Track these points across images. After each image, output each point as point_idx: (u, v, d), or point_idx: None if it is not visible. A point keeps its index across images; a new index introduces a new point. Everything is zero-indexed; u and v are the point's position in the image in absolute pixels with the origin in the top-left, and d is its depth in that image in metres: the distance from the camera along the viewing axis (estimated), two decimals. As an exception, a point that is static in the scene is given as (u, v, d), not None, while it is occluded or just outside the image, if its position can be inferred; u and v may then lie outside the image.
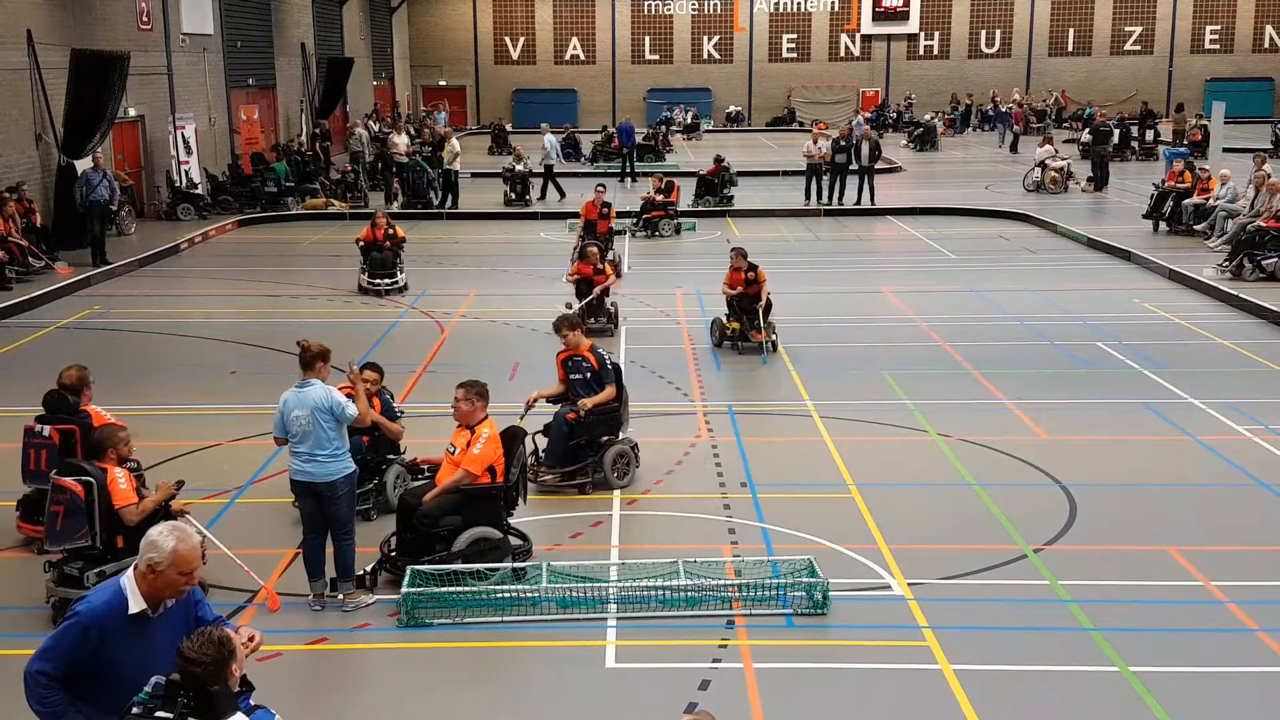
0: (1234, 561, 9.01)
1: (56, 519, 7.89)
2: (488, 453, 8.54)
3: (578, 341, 10.73)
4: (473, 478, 8.53)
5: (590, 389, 10.58)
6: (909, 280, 20.03)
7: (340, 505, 8.13)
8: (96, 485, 7.84)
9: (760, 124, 54.89)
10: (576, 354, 10.72)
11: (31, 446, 9.16)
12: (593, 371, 10.62)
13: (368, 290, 18.99)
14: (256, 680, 4.87)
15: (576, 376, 10.66)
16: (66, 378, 9.37)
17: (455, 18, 55.84)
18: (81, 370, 9.44)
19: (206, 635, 4.54)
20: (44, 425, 9.14)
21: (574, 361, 10.71)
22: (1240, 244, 19.74)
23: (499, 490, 8.67)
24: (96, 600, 4.83)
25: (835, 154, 28.45)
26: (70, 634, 4.78)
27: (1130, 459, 11.39)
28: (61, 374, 9.43)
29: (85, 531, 7.87)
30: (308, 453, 8.07)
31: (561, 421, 10.44)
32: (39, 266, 20.12)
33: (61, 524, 7.87)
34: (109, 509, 7.85)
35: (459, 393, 8.70)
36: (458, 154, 29.19)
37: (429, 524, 8.50)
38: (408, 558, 8.48)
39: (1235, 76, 54.03)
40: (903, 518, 9.82)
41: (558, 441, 10.45)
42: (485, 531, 8.56)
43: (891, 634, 7.95)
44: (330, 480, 8.05)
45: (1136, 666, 7.41)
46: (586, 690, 7.31)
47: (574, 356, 10.73)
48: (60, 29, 23.03)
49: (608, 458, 10.44)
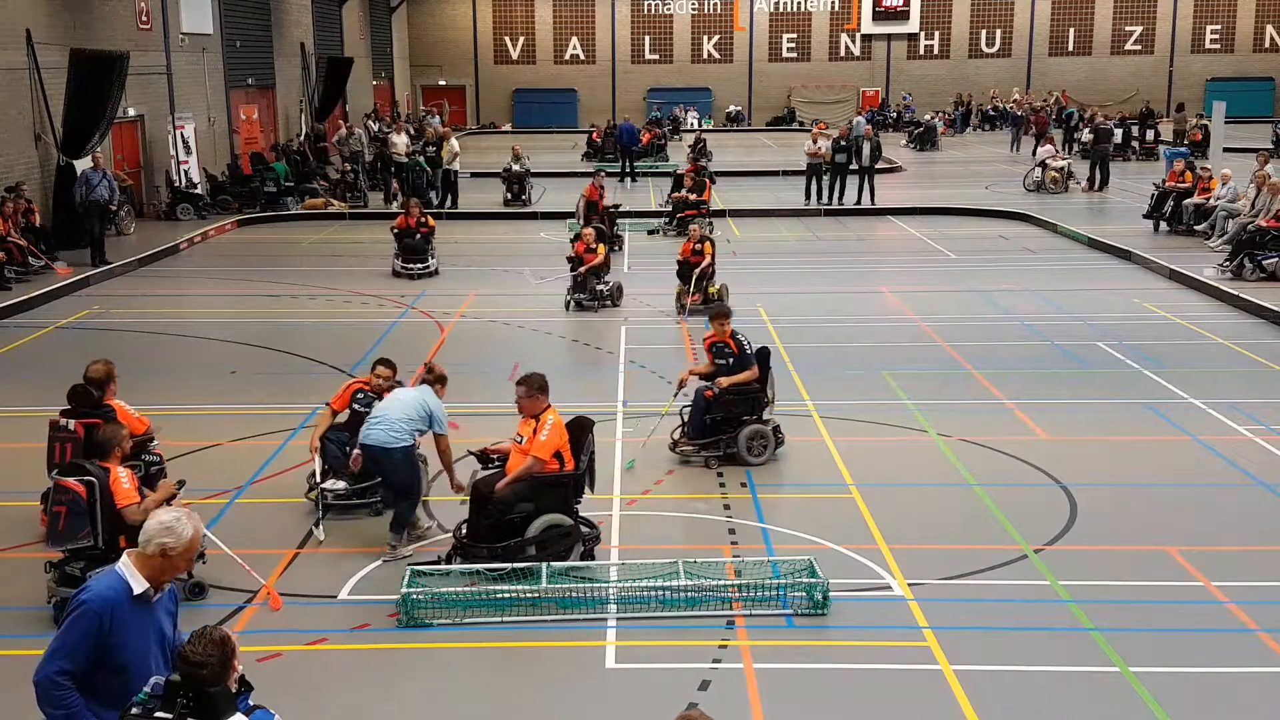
0: (1234, 561, 9.00)
1: (59, 519, 7.88)
2: (553, 439, 8.75)
3: (723, 329, 11.50)
4: (541, 464, 8.74)
5: (732, 372, 11.29)
6: (909, 280, 20.02)
7: (396, 470, 9.00)
8: (99, 485, 7.82)
9: (760, 124, 54.88)
10: (720, 340, 11.49)
11: (57, 440, 9.19)
12: (735, 356, 11.37)
13: (401, 274, 20.24)
14: (256, 680, 4.86)
15: (721, 361, 11.45)
16: (93, 372, 9.44)
17: (455, 17, 55.83)
18: (108, 365, 9.51)
19: (207, 636, 4.52)
20: (69, 420, 9.18)
21: (718, 347, 11.51)
22: (1241, 244, 19.73)
23: (569, 478, 8.86)
24: (100, 586, 4.81)
25: (835, 154, 28.44)
26: (83, 622, 4.73)
27: (1130, 459, 11.39)
28: (88, 368, 9.50)
29: (88, 531, 7.86)
30: (376, 418, 9.10)
31: (700, 398, 11.20)
32: (38, 266, 20.11)
33: (64, 524, 7.87)
34: (111, 509, 7.84)
35: (519, 390, 9.00)
36: (457, 154, 29.19)
37: (503, 511, 8.71)
38: (481, 544, 8.68)
39: (1236, 76, 54.02)
40: (903, 518, 9.82)
41: (696, 415, 11.22)
42: (557, 518, 8.73)
43: (891, 634, 7.94)
44: (386, 447, 8.91)
45: (1136, 666, 7.40)
46: (586, 690, 7.31)
47: (718, 342, 11.51)
48: (60, 29, 23.02)
49: (743, 436, 11.04)
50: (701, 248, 17.65)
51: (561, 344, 15.92)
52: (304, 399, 13.07)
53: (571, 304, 17.66)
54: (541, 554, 8.56)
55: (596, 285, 17.74)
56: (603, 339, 16.05)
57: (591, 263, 17.62)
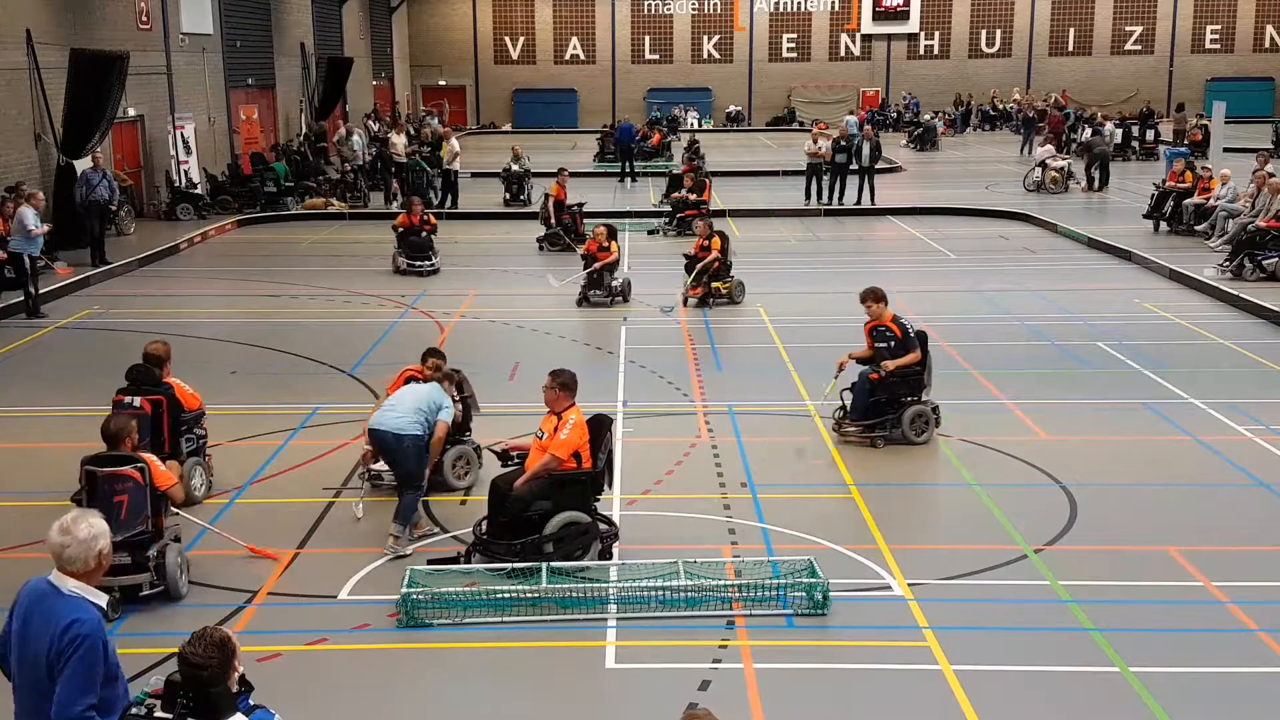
0: (1234, 561, 9.00)
1: (121, 509, 8.10)
2: (573, 438, 8.80)
3: (880, 313, 11.70)
4: (559, 462, 8.78)
5: (895, 355, 11.54)
6: (909, 280, 20.00)
7: (404, 457, 9.01)
8: (147, 470, 8.22)
9: (760, 124, 54.89)
10: (881, 324, 11.70)
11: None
12: (896, 339, 11.60)
13: (406, 271, 20.47)
14: (256, 680, 4.87)
15: (882, 345, 11.66)
16: (152, 350, 10.17)
17: (455, 17, 55.83)
18: (165, 345, 10.29)
19: (208, 638, 4.51)
20: (133, 396, 9.69)
21: (879, 331, 11.71)
22: (1241, 244, 19.73)
23: (587, 476, 8.90)
24: (84, 615, 4.71)
25: (835, 154, 28.45)
26: (92, 655, 4.66)
27: (1130, 459, 11.39)
28: (146, 347, 10.23)
29: (145, 515, 8.19)
30: (390, 405, 9.22)
31: (865, 381, 11.54)
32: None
33: (126, 513, 8.12)
34: (154, 491, 8.25)
35: (547, 380, 9.07)
36: (457, 154, 29.19)
37: (521, 508, 8.77)
38: (499, 541, 8.73)
39: (1236, 76, 54.03)
40: (903, 518, 9.82)
41: (860, 397, 11.55)
42: (575, 516, 8.77)
43: (891, 634, 7.94)
44: (398, 433, 8.97)
45: (1136, 666, 7.40)
46: (586, 690, 7.31)
47: (879, 326, 11.72)
48: (60, 29, 23.03)
49: (906, 416, 11.46)
50: (709, 243, 17.98)
51: (561, 344, 15.92)
52: (304, 399, 13.09)
53: (584, 301, 17.90)
54: (559, 551, 8.60)
55: (609, 281, 18.09)
56: (603, 339, 16.05)
57: (606, 260, 17.96)
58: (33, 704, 4.75)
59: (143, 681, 5.02)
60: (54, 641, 4.65)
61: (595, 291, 17.99)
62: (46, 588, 4.79)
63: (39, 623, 4.72)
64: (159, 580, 8.24)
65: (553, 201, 23.12)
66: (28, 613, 4.78)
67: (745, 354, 15.36)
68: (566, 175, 25.18)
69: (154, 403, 9.67)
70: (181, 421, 10.01)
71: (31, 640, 4.73)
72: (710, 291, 17.81)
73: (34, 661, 4.71)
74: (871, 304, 11.75)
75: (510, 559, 8.57)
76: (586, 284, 18.09)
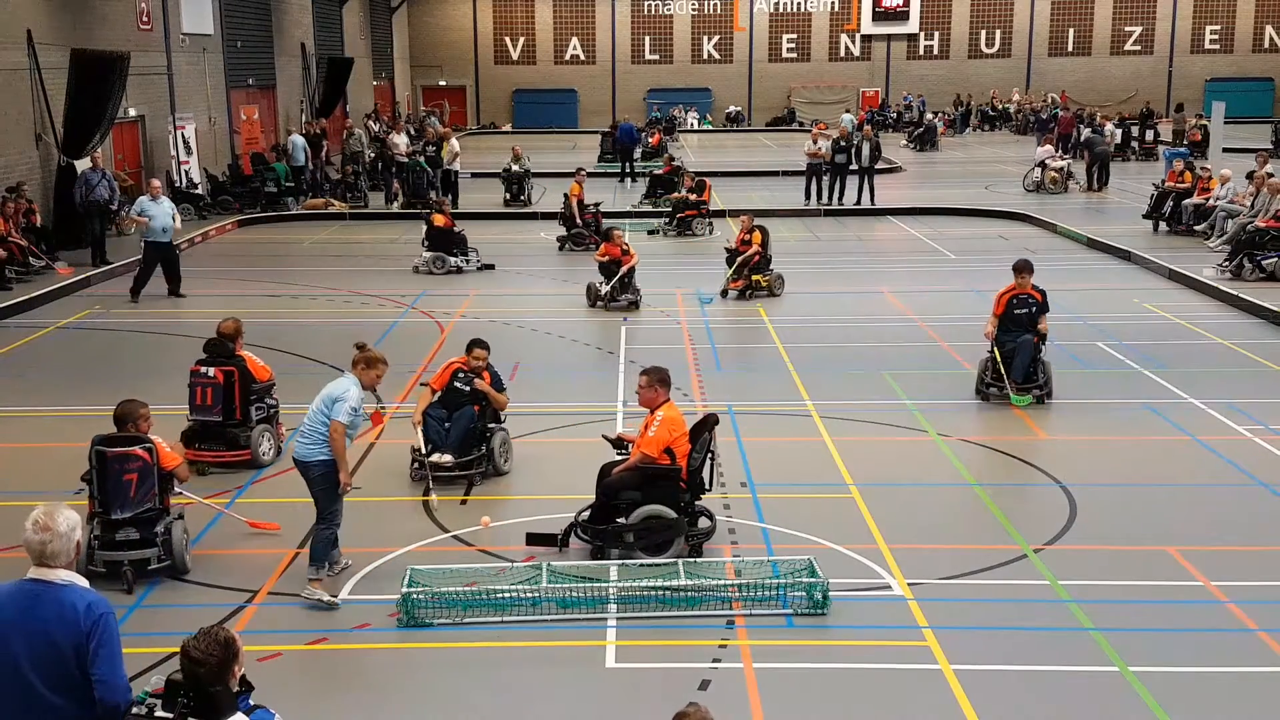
0: (1234, 561, 9.00)
1: (131, 487, 8.53)
2: (661, 435, 8.89)
3: (1025, 282, 13.09)
4: (649, 458, 8.86)
5: (1032, 320, 12.99)
6: (909, 280, 20.03)
7: (314, 487, 8.34)
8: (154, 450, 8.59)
9: (760, 124, 54.89)
10: (1023, 292, 13.05)
11: (198, 385, 11.00)
12: (1038, 305, 13.07)
13: (435, 272, 20.61)
14: (256, 680, 4.87)
15: (1021, 311, 13.02)
16: (225, 327, 11.28)
17: (455, 18, 55.84)
18: (238, 322, 11.40)
19: (212, 636, 4.52)
20: (208, 367, 10.99)
21: (1019, 299, 13.06)
22: (1240, 244, 19.74)
23: (677, 472, 8.93)
24: (93, 597, 4.70)
25: (835, 154, 28.45)
26: (117, 630, 4.68)
27: (1130, 459, 11.39)
28: (220, 324, 11.35)
29: (153, 494, 8.59)
30: (300, 430, 8.56)
31: (1029, 344, 12.85)
32: (39, 266, 20.12)
33: (136, 490, 8.54)
34: (160, 471, 8.62)
35: (641, 380, 9.15)
36: (457, 154, 29.21)
37: (609, 496, 8.96)
38: (592, 524, 8.95)
39: (1235, 76, 54.04)
40: (903, 518, 9.82)
41: (1026, 359, 12.88)
42: (658, 510, 8.84)
43: (891, 634, 7.95)
44: (303, 461, 8.33)
45: (1136, 666, 7.41)
46: (586, 690, 7.31)
47: (1020, 294, 13.07)
48: (60, 29, 23.03)
49: (1050, 372, 13.06)
50: (750, 237, 18.43)
51: (561, 344, 15.92)
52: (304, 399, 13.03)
53: (605, 303, 17.75)
54: (639, 543, 8.78)
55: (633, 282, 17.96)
56: (603, 339, 16.05)
57: (629, 264, 17.75)
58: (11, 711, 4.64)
59: (143, 681, 5.00)
60: (75, 630, 4.56)
61: (629, 295, 17.68)
62: (33, 587, 4.67)
63: (35, 622, 4.60)
64: (165, 555, 8.64)
65: (575, 201, 23.08)
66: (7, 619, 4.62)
67: (745, 354, 15.36)
68: (585, 175, 25.14)
69: (226, 373, 10.95)
70: (252, 391, 11.17)
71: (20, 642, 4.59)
72: (750, 284, 18.17)
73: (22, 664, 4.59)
74: (1020, 276, 13.17)
75: (595, 542, 8.85)
76: (618, 289, 17.67)
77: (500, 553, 9.09)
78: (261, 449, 11.07)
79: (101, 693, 4.57)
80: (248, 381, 11.11)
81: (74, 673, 4.58)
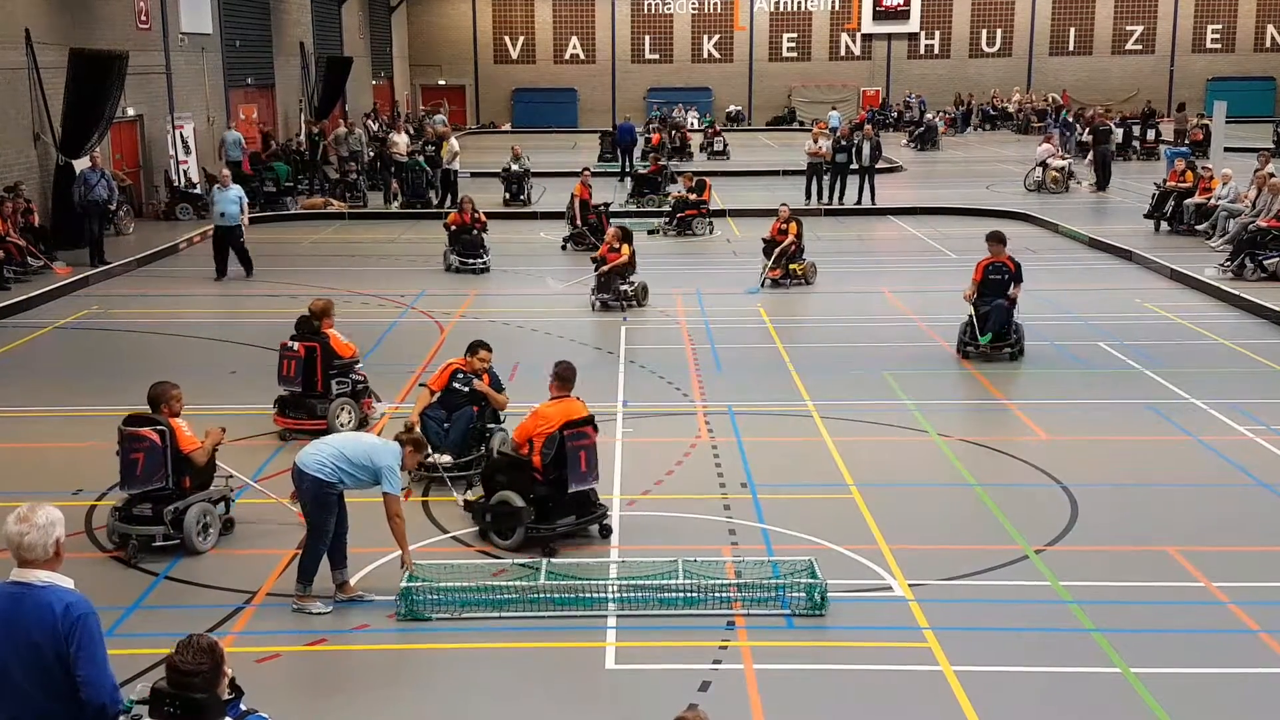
0: (1234, 561, 8.99)
1: (137, 465, 8.90)
2: (525, 425, 9.40)
3: (999, 251, 14.61)
4: (516, 445, 9.43)
5: (1006, 285, 14.49)
6: (909, 280, 20.01)
7: (303, 496, 8.21)
8: (168, 432, 8.90)
9: (760, 123, 54.88)
10: (999, 260, 14.58)
11: (284, 358, 11.85)
12: (1010, 273, 14.57)
13: (461, 270, 20.78)
14: (254, 682, 4.86)
15: (995, 277, 14.51)
16: (314, 305, 12.11)
17: (455, 17, 55.83)
18: (328, 301, 12.21)
19: (195, 645, 4.45)
20: (294, 342, 11.83)
21: (995, 266, 14.57)
22: (1242, 244, 19.71)
23: (527, 462, 9.28)
24: (72, 598, 4.63)
25: (835, 153, 28.42)
26: (99, 629, 4.63)
27: (1130, 459, 11.37)
28: (312, 303, 12.20)
29: (162, 474, 8.92)
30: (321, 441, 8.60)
31: (1003, 308, 14.36)
32: (37, 266, 20.10)
33: (142, 469, 8.90)
34: (177, 453, 8.95)
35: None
36: (457, 153, 29.18)
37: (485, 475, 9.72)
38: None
39: (1237, 76, 54.02)
40: (903, 518, 9.80)
41: (1000, 319, 14.30)
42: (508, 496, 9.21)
43: (892, 635, 7.93)
44: (301, 469, 8.17)
45: (1136, 667, 7.39)
46: (586, 690, 7.30)
47: (995, 262, 14.58)
48: (58, 28, 23.01)
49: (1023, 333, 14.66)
50: (788, 227, 19.24)
51: (561, 344, 15.90)
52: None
53: (596, 304, 17.63)
54: (491, 525, 9.21)
55: (621, 285, 17.66)
56: (602, 339, 16.04)
57: (615, 262, 17.55)
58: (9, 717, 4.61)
59: (129, 689, 4.96)
60: (54, 632, 4.52)
61: (605, 295, 17.51)
62: (14, 590, 4.61)
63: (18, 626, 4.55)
64: (175, 533, 8.99)
65: (578, 202, 23.04)
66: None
67: (745, 354, 15.34)
68: (590, 175, 25.05)
69: (309, 348, 11.78)
70: (333, 366, 11.92)
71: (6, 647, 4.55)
72: (787, 273, 18.93)
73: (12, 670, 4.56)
74: (996, 245, 14.61)
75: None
76: (596, 286, 17.68)
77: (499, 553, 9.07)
78: (340, 420, 11.71)
79: (87, 694, 4.54)
80: (329, 357, 11.87)
81: (59, 676, 4.55)
